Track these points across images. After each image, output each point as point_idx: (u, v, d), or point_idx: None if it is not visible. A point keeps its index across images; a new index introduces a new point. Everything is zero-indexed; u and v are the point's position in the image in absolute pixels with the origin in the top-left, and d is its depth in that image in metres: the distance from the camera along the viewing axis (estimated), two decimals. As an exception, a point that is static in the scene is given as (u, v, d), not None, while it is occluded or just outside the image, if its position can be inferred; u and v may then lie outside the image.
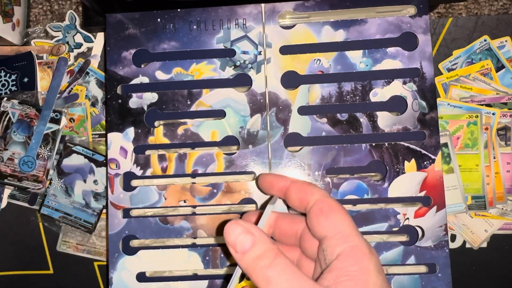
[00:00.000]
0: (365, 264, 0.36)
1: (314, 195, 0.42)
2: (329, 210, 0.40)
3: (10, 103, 0.67)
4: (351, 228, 0.39)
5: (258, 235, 0.37)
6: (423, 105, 0.58)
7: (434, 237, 0.56)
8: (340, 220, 0.40)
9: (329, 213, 0.40)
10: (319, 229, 0.40)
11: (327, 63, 0.59)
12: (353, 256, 0.37)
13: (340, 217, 0.40)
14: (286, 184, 0.45)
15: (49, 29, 0.71)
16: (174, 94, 0.60)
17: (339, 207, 0.41)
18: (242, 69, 0.60)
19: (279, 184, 0.46)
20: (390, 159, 0.57)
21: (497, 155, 0.67)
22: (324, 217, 0.40)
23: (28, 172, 0.67)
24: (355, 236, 0.38)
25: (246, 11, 0.60)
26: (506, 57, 0.68)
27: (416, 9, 0.59)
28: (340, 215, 0.40)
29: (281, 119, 0.59)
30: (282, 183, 0.45)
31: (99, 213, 0.69)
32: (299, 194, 0.44)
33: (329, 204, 0.41)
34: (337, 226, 0.39)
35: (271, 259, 0.36)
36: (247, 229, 0.37)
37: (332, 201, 0.41)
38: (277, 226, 0.46)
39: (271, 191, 0.47)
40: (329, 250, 0.38)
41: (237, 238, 0.37)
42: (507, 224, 0.67)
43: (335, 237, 0.39)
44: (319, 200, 0.42)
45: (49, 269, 0.70)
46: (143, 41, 0.61)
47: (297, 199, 0.44)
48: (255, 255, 0.37)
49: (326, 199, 0.42)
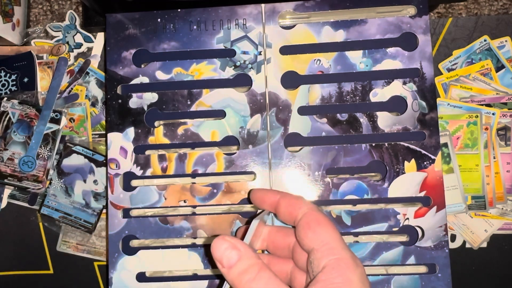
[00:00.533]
0: (349, 276, 0.38)
1: (302, 208, 0.44)
2: (315, 224, 0.42)
3: (10, 103, 0.67)
4: (337, 241, 0.41)
5: (244, 250, 0.39)
6: (423, 105, 0.58)
7: (434, 237, 0.56)
8: (326, 233, 0.41)
9: (316, 226, 0.42)
10: (306, 242, 0.42)
11: (327, 63, 0.59)
12: (337, 268, 0.38)
13: (326, 230, 0.41)
14: (275, 199, 0.47)
15: (49, 29, 0.71)
16: (174, 94, 0.60)
17: (325, 221, 0.42)
18: (242, 69, 0.60)
19: (269, 199, 0.48)
20: (390, 159, 0.57)
21: (497, 155, 0.67)
22: (310, 231, 0.42)
23: (28, 172, 0.67)
24: (341, 249, 0.40)
25: (246, 11, 0.60)
26: (506, 57, 0.68)
27: (416, 9, 0.59)
28: (326, 228, 0.42)
29: (281, 119, 0.59)
30: (272, 198, 0.48)
31: (99, 213, 0.69)
32: (288, 208, 0.45)
33: (316, 218, 0.43)
34: (323, 239, 0.41)
35: (255, 273, 0.38)
36: (233, 245, 0.39)
37: (319, 214, 0.43)
38: (270, 239, 0.48)
39: (262, 206, 0.49)
40: (315, 262, 0.40)
41: (223, 254, 0.39)
42: (507, 224, 0.67)
43: (321, 250, 0.40)
44: (306, 214, 0.43)
45: (49, 269, 0.70)
46: (143, 41, 0.61)
47: (286, 213, 0.45)
48: (240, 269, 0.38)
49: (313, 212, 0.43)
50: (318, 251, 0.40)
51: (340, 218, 0.57)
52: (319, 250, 0.40)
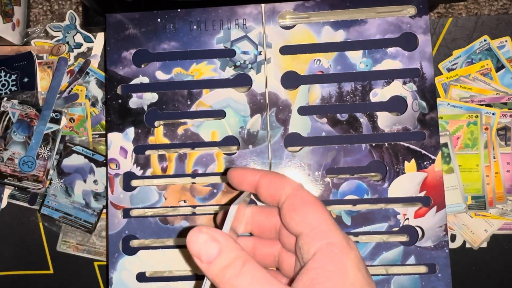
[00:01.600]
0: (342, 262, 0.34)
1: (285, 188, 0.40)
2: (302, 205, 0.38)
3: (10, 103, 0.67)
4: (327, 222, 0.37)
5: (224, 242, 0.35)
6: (423, 105, 0.58)
7: (434, 237, 0.56)
8: (314, 215, 0.37)
9: (302, 208, 0.38)
10: (293, 225, 0.38)
11: (327, 63, 0.59)
12: (329, 253, 0.35)
13: (315, 212, 0.38)
14: (255, 178, 0.43)
15: (49, 29, 0.71)
16: (174, 94, 0.60)
17: (313, 200, 0.38)
18: (242, 69, 0.60)
19: (248, 178, 0.43)
20: (390, 159, 0.57)
21: (497, 155, 0.67)
22: (297, 213, 0.38)
23: (28, 172, 0.67)
24: (332, 231, 0.36)
25: (246, 11, 0.60)
26: (506, 57, 0.68)
27: (416, 9, 0.59)
28: (314, 209, 0.38)
29: (281, 119, 0.59)
30: (251, 178, 0.43)
31: (99, 213, 0.69)
32: (270, 189, 0.41)
33: (302, 198, 0.39)
34: (312, 221, 0.37)
35: (239, 268, 0.34)
36: (212, 237, 0.35)
37: (305, 194, 0.39)
38: (254, 221, 0.44)
39: (241, 186, 0.44)
40: (305, 248, 0.36)
41: (201, 247, 0.35)
42: (507, 224, 0.67)
43: (310, 234, 0.36)
44: (291, 194, 0.39)
45: (49, 269, 0.70)
46: (143, 41, 0.61)
47: (268, 195, 0.41)
48: (222, 264, 0.34)
49: (298, 192, 0.39)
50: (307, 235, 0.36)
51: (340, 218, 0.57)
52: (308, 234, 0.36)
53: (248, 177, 0.43)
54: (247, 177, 0.43)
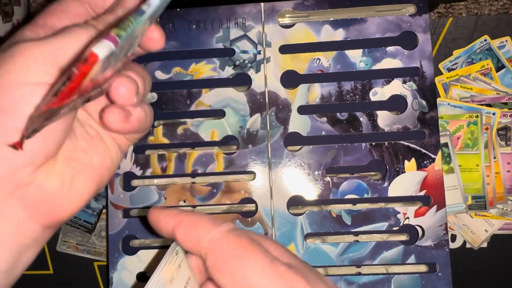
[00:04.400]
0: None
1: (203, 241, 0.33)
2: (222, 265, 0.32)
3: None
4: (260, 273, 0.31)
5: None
6: (423, 104, 0.58)
7: (434, 236, 0.56)
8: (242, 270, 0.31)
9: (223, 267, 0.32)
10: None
11: (326, 62, 0.59)
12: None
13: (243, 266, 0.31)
14: (170, 226, 0.35)
15: (49, 29, 0.71)
16: (173, 94, 0.60)
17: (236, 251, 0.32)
18: (242, 69, 0.59)
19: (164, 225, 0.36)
20: (390, 158, 0.57)
21: (497, 155, 0.67)
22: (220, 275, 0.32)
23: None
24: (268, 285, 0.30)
25: (246, 10, 0.60)
26: (506, 57, 0.68)
27: (416, 8, 0.59)
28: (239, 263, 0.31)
29: (280, 119, 0.58)
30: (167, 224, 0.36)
31: (99, 213, 0.69)
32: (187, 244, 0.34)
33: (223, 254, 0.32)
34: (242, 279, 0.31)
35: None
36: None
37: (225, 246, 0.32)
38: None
39: (160, 232, 0.37)
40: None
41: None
42: (507, 224, 0.67)
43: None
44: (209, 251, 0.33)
45: (49, 269, 0.70)
46: (143, 40, 0.61)
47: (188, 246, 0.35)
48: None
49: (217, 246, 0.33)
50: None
51: (340, 217, 0.57)
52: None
53: (164, 223, 0.36)
54: (164, 223, 0.36)
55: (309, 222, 0.57)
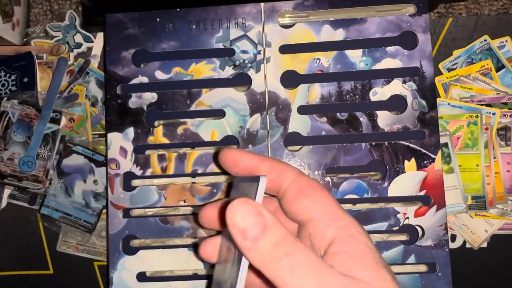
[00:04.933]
0: (365, 241, 0.33)
1: (288, 173, 0.38)
2: (310, 189, 0.37)
3: (10, 103, 0.67)
4: (337, 205, 0.36)
5: (269, 217, 0.31)
6: (423, 104, 0.58)
7: (434, 236, 0.56)
8: (324, 198, 0.36)
9: (311, 192, 0.36)
10: (300, 211, 0.36)
11: (326, 62, 0.59)
12: (351, 235, 0.33)
13: (324, 196, 0.36)
14: (252, 163, 0.40)
15: (49, 29, 0.71)
16: (173, 94, 0.60)
17: (319, 185, 0.37)
18: (242, 69, 0.60)
19: (245, 161, 0.40)
20: (390, 158, 0.57)
21: (497, 155, 0.67)
22: (306, 198, 0.36)
23: (28, 172, 0.67)
24: (343, 213, 0.35)
25: (246, 10, 0.60)
26: (506, 57, 0.68)
27: (416, 8, 0.59)
28: (322, 193, 0.36)
29: (280, 119, 0.58)
30: (248, 161, 0.40)
31: (99, 213, 0.69)
32: (270, 175, 0.38)
33: (308, 183, 0.37)
34: (323, 205, 0.35)
35: (291, 246, 0.30)
36: (257, 211, 0.31)
37: (310, 179, 0.38)
38: None
39: (234, 169, 0.41)
40: (319, 233, 0.34)
41: (245, 222, 0.30)
42: (507, 224, 0.67)
43: (323, 218, 0.35)
44: (296, 180, 0.37)
45: (49, 269, 0.70)
46: (143, 41, 0.61)
47: (268, 180, 0.38)
48: (271, 242, 0.30)
49: (303, 177, 0.38)
50: (320, 220, 0.35)
51: (340, 217, 0.57)
52: (321, 219, 0.35)
53: (245, 160, 0.40)
54: (244, 160, 0.40)
55: (309, 222, 0.57)
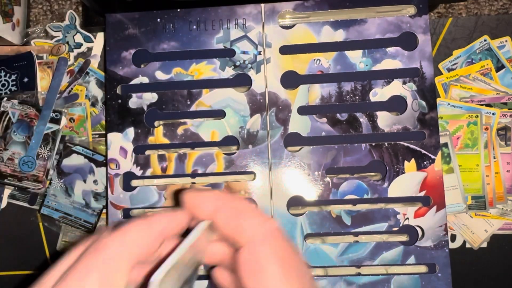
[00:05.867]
0: None
1: (242, 236, 0.33)
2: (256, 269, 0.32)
3: (10, 103, 0.67)
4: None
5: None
6: (423, 105, 0.58)
7: (434, 237, 0.56)
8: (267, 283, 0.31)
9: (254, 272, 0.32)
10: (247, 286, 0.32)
11: (326, 63, 0.59)
12: None
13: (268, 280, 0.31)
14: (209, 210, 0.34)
15: (49, 29, 0.71)
16: (174, 94, 0.60)
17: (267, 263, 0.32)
18: (242, 69, 0.60)
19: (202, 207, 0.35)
20: (390, 159, 0.57)
21: (497, 155, 0.67)
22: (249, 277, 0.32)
23: (28, 172, 0.67)
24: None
25: (246, 11, 0.60)
26: (506, 57, 0.68)
27: (416, 9, 0.59)
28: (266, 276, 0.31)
29: (280, 119, 0.58)
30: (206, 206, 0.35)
31: (99, 213, 0.69)
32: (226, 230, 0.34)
33: (257, 258, 0.32)
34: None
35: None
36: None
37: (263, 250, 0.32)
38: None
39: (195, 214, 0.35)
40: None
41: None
42: (507, 224, 0.67)
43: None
44: (245, 249, 0.33)
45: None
46: (143, 41, 0.61)
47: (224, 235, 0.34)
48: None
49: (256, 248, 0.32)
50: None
51: (340, 218, 0.57)
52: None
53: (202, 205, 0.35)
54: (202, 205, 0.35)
55: (309, 222, 0.57)
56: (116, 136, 0.60)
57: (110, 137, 0.60)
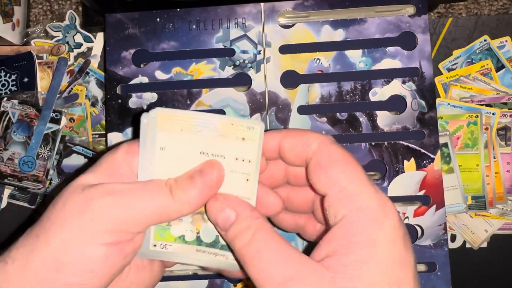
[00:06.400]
0: (371, 233, 0.29)
1: (311, 145, 0.34)
2: (327, 162, 0.33)
3: (10, 103, 0.67)
4: (358, 183, 0.32)
5: (240, 210, 0.34)
6: (422, 104, 0.58)
7: (433, 236, 0.56)
8: (343, 174, 0.32)
9: (328, 166, 0.33)
10: (319, 187, 0.33)
11: (326, 63, 0.59)
12: (356, 222, 0.30)
13: (344, 170, 0.32)
14: (275, 143, 0.37)
15: (49, 29, 0.71)
16: (173, 94, 0.60)
17: (342, 157, 0.33)
18: (242, 69, 0.60)
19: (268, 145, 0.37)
20: (390, 158, 0.57)
21: (497, 155, 0.67)
22: (322, 172, 0.33)
23: (28, 172, 0.67)
24: (363, 194, 0.31)
25: (246, 11, 0.60)
26: (506, 57, 0.68)
27: (415, 9, 0.59)
28: (343, 167, 0.32)
29: (280, 119, 0.58)
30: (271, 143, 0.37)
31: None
32: (294, 151, 0.36)
33: (329, 155, 0.33)
34: (340, 182, 0.32)
35: (248, 237, 0.32)
36: (228, 205, 0.34)
37: (333, 149, 0.34)
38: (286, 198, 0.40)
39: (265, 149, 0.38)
40: (331, 211, 0.32)
41: (217, 216, 0.34)
42: (507, 224, 0.67)
43: (336, 197, 0.32)
44: (317, 151, 0.34)
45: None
46: (143, 41, 0.61)
47: (293, 158, 0.36)
48: (234, 233, 0.33)
49: (325, 148, 0.34)
50: (333, 198, 0.32)
51: (339, 217, 0.57)
52: (334, 197, 0.32)
53: (268, 144, 0.37)
54: (267, 144, 0.37)
55: (308, 222, 0.57)
56: (116, 136, 0.60)
57: (110, 137, 0.60)
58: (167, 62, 0.60)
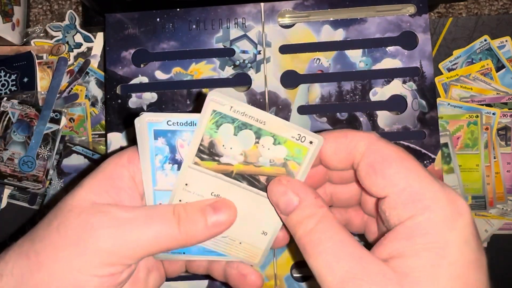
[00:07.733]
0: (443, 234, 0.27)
1: (358, 146, 0.32)
2: (382, 164, 0.31)
3: (10, 103, 0.67)
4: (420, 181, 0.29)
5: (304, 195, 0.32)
6: (423, 104, 0.58)
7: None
8: (400, 174, 0.30)
9: (384, 167, 0.31)
10: (376, 190, 0.31)
11: (326, 62, 0.59)
12: (425, 222, 0.28)
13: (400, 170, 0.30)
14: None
15: (49, 29, 0.71)
16: (173, 94, 0.60)
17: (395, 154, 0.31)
18: (242, 69, 0.59)
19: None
20: (390, 158, 0.57)
21: (497, 155, 0.67)
22: (378, 175, 0.31)
23: (28, 172, 0.67)
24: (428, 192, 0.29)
25: (246, 11, 0.60)
26: (506, 57, 0.68)
27: (416, 8, 0.59)
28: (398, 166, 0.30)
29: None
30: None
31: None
32: (339, 155, 0.33)
33: (381, 154, 0.31)
34: (398, 183, 0.30)
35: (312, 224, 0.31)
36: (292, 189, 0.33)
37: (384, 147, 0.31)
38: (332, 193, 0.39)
39: None
40: (393, 214, 0.30)
41: (279, 199, 0.33)
42: (507, 224, 0.67)
43: (399, 199, 0.29)
44: (366, 152, 0.32)
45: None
46: (143, 41, 0.61)
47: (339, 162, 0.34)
48: (297, 219, 0.32)
49: (374, 147, 0.32)
50: (394, 200, 0.30)
51: (340, 217, 0.57)
52: (395, 199, 0.29)
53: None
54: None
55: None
56: (116, 136, 0.60)
57: (110, 137, 0.60)
58: (167, 62, 0.60)
